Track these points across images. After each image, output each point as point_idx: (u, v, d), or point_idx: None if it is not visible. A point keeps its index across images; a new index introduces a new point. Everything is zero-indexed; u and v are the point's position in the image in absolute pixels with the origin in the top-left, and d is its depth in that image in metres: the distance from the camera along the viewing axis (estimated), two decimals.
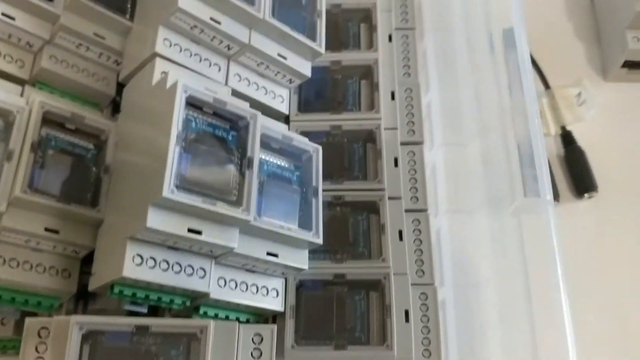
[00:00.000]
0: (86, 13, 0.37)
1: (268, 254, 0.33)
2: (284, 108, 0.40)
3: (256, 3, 0.36)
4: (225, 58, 0.38)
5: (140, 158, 0.32)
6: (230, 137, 0.33)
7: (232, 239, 0.32)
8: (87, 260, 0.34)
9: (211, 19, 0.36)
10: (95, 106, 0.39)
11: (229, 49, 0.37)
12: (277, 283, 0.36)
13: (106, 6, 0.37)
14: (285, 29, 0.37)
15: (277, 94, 0.40)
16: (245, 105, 0.34)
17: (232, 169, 0.32)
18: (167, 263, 0.32)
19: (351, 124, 0.41)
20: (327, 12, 0.40)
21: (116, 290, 0.31)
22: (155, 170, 0.29)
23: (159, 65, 0.35)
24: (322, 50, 0.39)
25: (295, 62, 0.39)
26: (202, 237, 0.31)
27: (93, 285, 0.33)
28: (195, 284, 0.32)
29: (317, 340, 0.35)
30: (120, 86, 0.39)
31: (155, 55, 0.35)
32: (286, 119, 0.41)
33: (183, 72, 0.35)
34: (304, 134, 0.39)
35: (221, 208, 0.30)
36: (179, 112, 0.30)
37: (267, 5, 0.37)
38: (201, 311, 0.34)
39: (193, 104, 0.31)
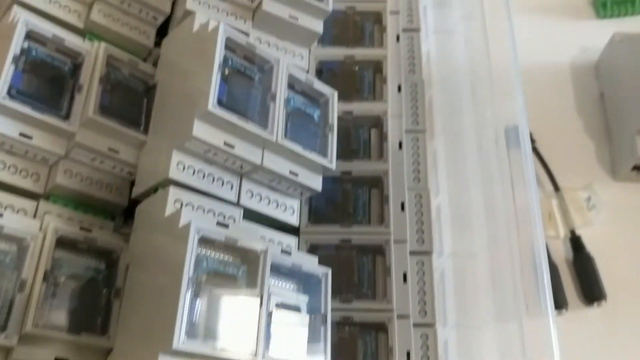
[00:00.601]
0: (100, 129, 0.38)
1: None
2: (294, 220, 0.40)
3: (269, 126, 0.37)
4: (237, 175, 0.38)
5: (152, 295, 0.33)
6: (240, 273, 0.33)
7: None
8: None
9: (225, 143, 0.36)
10: (107, 215, 0.40)
11: (241, 168, 0.38)
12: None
13: (120, 121, 0.38)
14: (298, 149, 0.38)
15: (288, 206, 0.40)
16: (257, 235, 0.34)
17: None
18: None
19: (361, 239, 0.41)
20: (339, 118, 0.41)
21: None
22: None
23: (173, 194, 0.35)
24: (333, 166, 0.39)
25: (306, 178, 0.39)
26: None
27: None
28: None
29: None
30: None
31: (169, 181, 0.36)
32: (296, 230, 0.41)
33: (196, 200, 0.36)
34: (314, 246, 0.41)
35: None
36: (191, 254, 0.30)
37: (280, 127, 0.37)
38: None
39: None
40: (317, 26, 0.44)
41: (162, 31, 0.44)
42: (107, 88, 0.38)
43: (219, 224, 0.33)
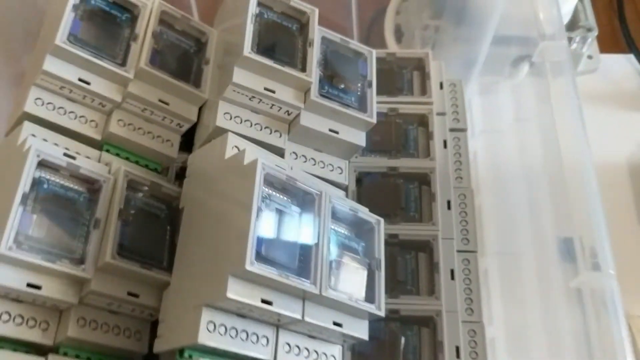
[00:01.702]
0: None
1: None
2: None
3: (312, 276, 0.33)
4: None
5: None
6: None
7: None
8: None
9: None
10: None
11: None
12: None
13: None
14: (343, 297, 0.35)
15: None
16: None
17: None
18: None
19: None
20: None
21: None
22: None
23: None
24: (382, 312, 0.36)
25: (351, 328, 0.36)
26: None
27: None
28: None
29: None
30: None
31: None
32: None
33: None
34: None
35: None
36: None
37: (325, 276, 0.34)
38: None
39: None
40: (360, 139, 0.40)
41: (189, 136, 0.41)
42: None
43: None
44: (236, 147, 0.36)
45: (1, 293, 0.32)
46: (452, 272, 0.40)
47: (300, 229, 0.34)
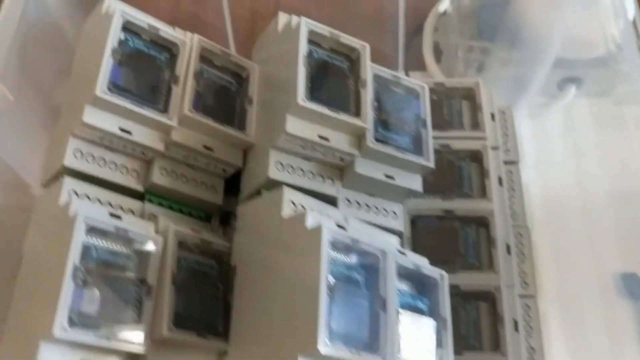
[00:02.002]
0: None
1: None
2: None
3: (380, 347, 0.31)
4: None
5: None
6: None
7: None
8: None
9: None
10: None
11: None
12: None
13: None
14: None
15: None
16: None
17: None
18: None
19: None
20: None
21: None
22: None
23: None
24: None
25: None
26: None
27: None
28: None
29: None
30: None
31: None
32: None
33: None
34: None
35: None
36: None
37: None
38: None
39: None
40: (416, 184, 0.38)
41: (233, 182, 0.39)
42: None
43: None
44: (292, 202, 0.34)
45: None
46: (515, 323, 0.38)
47: (367, 296, 0.32)
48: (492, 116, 0.43)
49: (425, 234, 0.40)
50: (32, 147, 0.39)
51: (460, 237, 0.40)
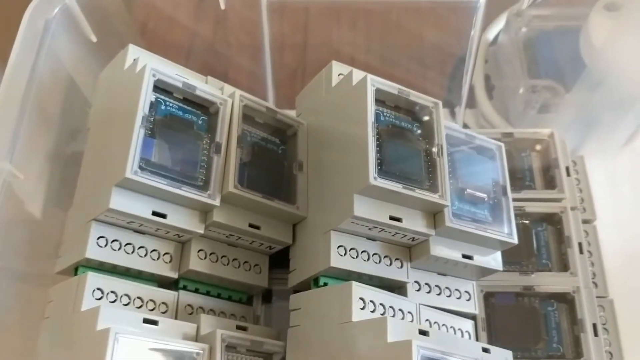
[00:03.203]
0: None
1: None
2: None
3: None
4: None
5: None
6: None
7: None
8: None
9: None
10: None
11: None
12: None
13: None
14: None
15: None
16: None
17: None
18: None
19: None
20: None
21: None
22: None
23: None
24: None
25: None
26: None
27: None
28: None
29: None
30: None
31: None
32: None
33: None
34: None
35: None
36: None
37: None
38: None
39: None
40: (496, 263, 0.33)
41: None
42: None
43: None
44: (361, 299, 0.29)
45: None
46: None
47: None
48: (567, 170, 0.38)
49: (502, 313, 0.35)
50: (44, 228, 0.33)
51: (543, 319, 0.34)
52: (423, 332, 0.27)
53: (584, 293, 0.35)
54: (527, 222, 0.36)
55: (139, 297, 0.30)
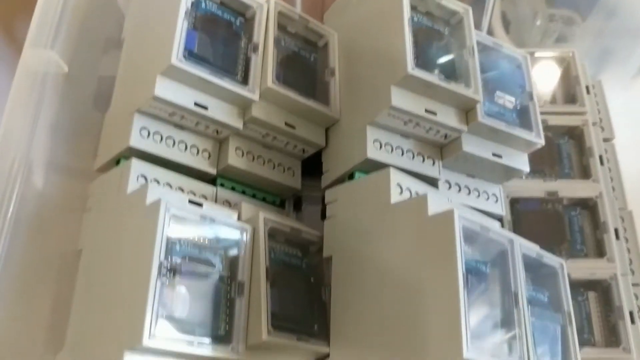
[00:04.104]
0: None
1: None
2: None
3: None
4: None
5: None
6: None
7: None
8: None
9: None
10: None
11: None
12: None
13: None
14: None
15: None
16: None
17: None
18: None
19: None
20: None
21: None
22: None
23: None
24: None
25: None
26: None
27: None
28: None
29: None
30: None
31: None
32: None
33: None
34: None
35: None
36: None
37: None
38: None
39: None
40: (523, 164, 0.34)
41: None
42: None
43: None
44: (399, 185, 0.30)
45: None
46: (631, 314, 0.34)
47: (495, 291, 0.28)
48: (587, 89, 0.39)
49: (528, 219, 0.36)
50: (82, 127, 0.34)
51: (567, 223, 0.36)
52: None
53: (606, 199, 0.36)
54: (550, 134, 0.37)
55: (180, 188, 0.31)
